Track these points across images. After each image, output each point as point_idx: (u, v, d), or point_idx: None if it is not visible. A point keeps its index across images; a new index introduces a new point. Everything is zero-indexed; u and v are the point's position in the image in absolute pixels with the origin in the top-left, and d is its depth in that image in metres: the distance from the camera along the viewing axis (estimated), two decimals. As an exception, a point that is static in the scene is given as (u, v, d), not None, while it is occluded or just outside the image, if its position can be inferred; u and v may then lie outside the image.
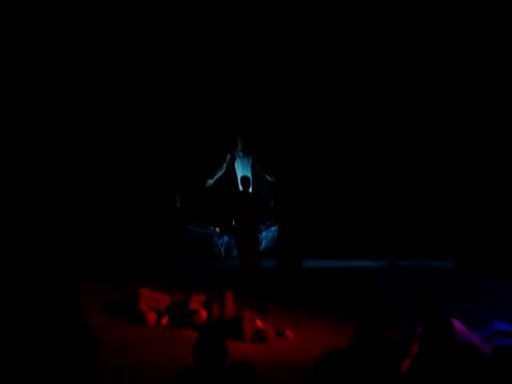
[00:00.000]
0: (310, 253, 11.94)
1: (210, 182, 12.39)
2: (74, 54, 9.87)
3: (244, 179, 11.21)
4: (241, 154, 12.37)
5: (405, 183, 12.35)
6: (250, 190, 12.22)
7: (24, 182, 6.20)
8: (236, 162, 12.37)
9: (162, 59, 12.07)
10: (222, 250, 12.43)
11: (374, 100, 12.61)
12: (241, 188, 11.14)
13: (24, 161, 6.16)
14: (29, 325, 6.01)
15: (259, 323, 7.30)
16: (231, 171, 11.73)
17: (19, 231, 6.13)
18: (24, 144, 6.07)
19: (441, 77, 11.64)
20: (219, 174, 12.40)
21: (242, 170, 12.35)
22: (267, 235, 12.85)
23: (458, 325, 5.65)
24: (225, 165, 12.38)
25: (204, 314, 7.63)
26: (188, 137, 12.67)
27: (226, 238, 12.46)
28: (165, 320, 7.71)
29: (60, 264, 6.44)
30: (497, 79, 10.03)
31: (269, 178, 12.51)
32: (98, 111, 11.71)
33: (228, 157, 12.39)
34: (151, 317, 7.70)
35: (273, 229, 12.78)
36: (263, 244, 12.73)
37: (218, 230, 12.49)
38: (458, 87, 10.89)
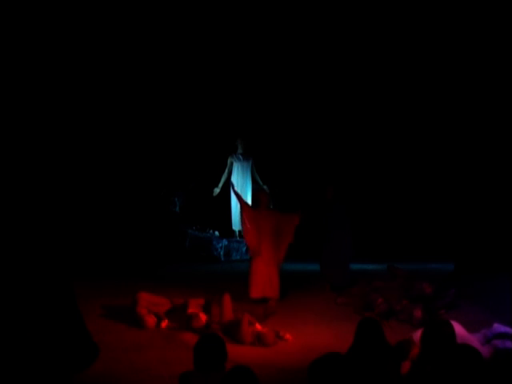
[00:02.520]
0: (310, 256, 11.95)
1: (217, 190, 12.41)
2: (75, 56, 9.88)
3: (259, 195, 10.01)
4: (241, 157, 12.38)
5: (404, 186, 12.36)
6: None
7: (24, 185, 6.20)
8: (235, 166, 12.38)
9: (162, 64, 12.08)
10: (222, 253, 12.41)
11: (374, 101, 12.61)
12: (254, 205, 9.91)
13: (24, 165, 6.16)
14: (27, 329, 6.00)
15: (258, 327, 7.30)
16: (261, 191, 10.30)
17: (18, 235, 6.12)
18: (24, 147, 6.08)
19: (441, 78, 11.65)
20: (223, 180, 12.41)
21: (241, 173, 12.36)
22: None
23: (458, 328, 5.64)
24: (227, 170, 12.40)
25: (203, 317, 7.63)
26: (187, 141, 12.68)
27: (225, 242, 12.45)
28: (164, 324, 7.71)
29: (59, 268, 6.44)
30: (497, 79, 10.03)
31: (262, 186, 12.53)
32: (99, 115, 11.71)
33: (229, 161, 12.40)
34: (150, 321, 7.70)
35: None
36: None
37: (217, 233, 12.48)
38: (458, 89, 10.90)
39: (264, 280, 8.99)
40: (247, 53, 12.18)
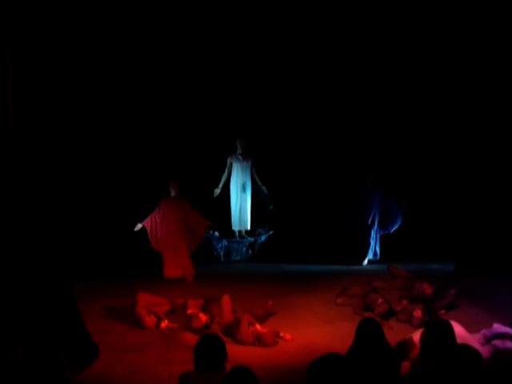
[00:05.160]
0: (309, 257, 11.95)
1: (217, 191, 12.41)
2: (74, 55, 9.86)
3: (170, 184, 10.80)
4: (240, 157, 12.37)
5: (404, 186, 12.34)
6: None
7: (23, 186, 6.19)
8: (234, 166, 12.37)
9: (161, 64, 12.06)
10: (221, 254, 12.39)
11: (374, 100, 12.60)
12: (172, 193, 10.76)
13: (23, 165, 6.15)
14: (27, 329, 6.01)
15: (258, 327, 7.29)
16: None
17: (18, 236, 6.12)
18: (23, 147, 6.08)
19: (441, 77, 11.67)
20: (223, 180, 12.41)
21: (241, 173, 12.35)
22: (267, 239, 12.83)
23: (457, 328, 5.65)
24: (226, 170, 12.40)
25: (203, 317, 7.63)
26: (187, 141, 12.66)
27: (225, 242, 12.41)
28: (164, 324, 7.71)
29: (59, 268, 6.44)
30: (497, 79, 10.03)
31: (261, 186, 12.51)
32: (99, 116, 11.70)
33: (228, 162, 12.39)
34: (150, 321, 7.70)
35: (272, 232, 12.77)
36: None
37: (216, 234, 12.46)
38: (458, 89, 10.91)
39: (175, 262, 10.40)
40: (247, 53, 12.16)
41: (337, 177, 12.67)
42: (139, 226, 10.60)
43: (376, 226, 11.79)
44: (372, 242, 11.80)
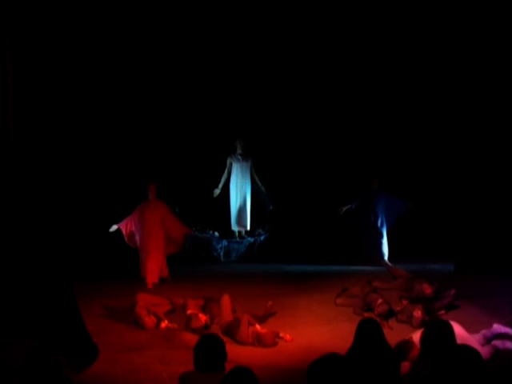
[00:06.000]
0: (308, 257, 11.95)
1: (217, 191, 12.42)
2: (73, 54, 9.85)
3: (148, 185, 10.45)
4: (240, 157, 12.37)
5: (405, 187, 12.35)
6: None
7: (21, 187, 6.19)
8: (234, 166, 12.38)
9: (161, 64, 12.06)
10: (221, 254, 12.39)
11: (374, 100, 12.61)
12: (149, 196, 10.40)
13: (24, 166, 6.16)
14: (27, 330, 6.01)
15: (258, 327, 7.29)
16: None
17: (18, 236, 6.12)
18: (23, 147, 6.08)
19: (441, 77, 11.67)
20: (223, 181, 12.42)
21: (241, 174, 12.36)
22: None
23: (457, 328, 5.64)
24: (226, 171, 12.41)
25: (203, 318, 7.63)
26: (187, 141, 12.66)
27: (225, 243, 12.42)
28: (164, 324, 7.71)
29: (59, 268, 6.44)
30: (497, 79, 10.03)
31: (261, 187, 12.51)
32: (98, 116, 11.71)
33: (228, 162, 12.40)
34: (150, 321, 7.71)
35: (267, 234, 12.77)
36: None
37: (216, 234, 12.47)
38: (458, 89, 10.90)
39: (156, 266, 10.02)
40: (247, 53, 12.16)
41: (336, 176, 12.67)
42: (114, 227, 10.35)
43: (386, 225, 11.82)
44: (385, 241, 11.80)
